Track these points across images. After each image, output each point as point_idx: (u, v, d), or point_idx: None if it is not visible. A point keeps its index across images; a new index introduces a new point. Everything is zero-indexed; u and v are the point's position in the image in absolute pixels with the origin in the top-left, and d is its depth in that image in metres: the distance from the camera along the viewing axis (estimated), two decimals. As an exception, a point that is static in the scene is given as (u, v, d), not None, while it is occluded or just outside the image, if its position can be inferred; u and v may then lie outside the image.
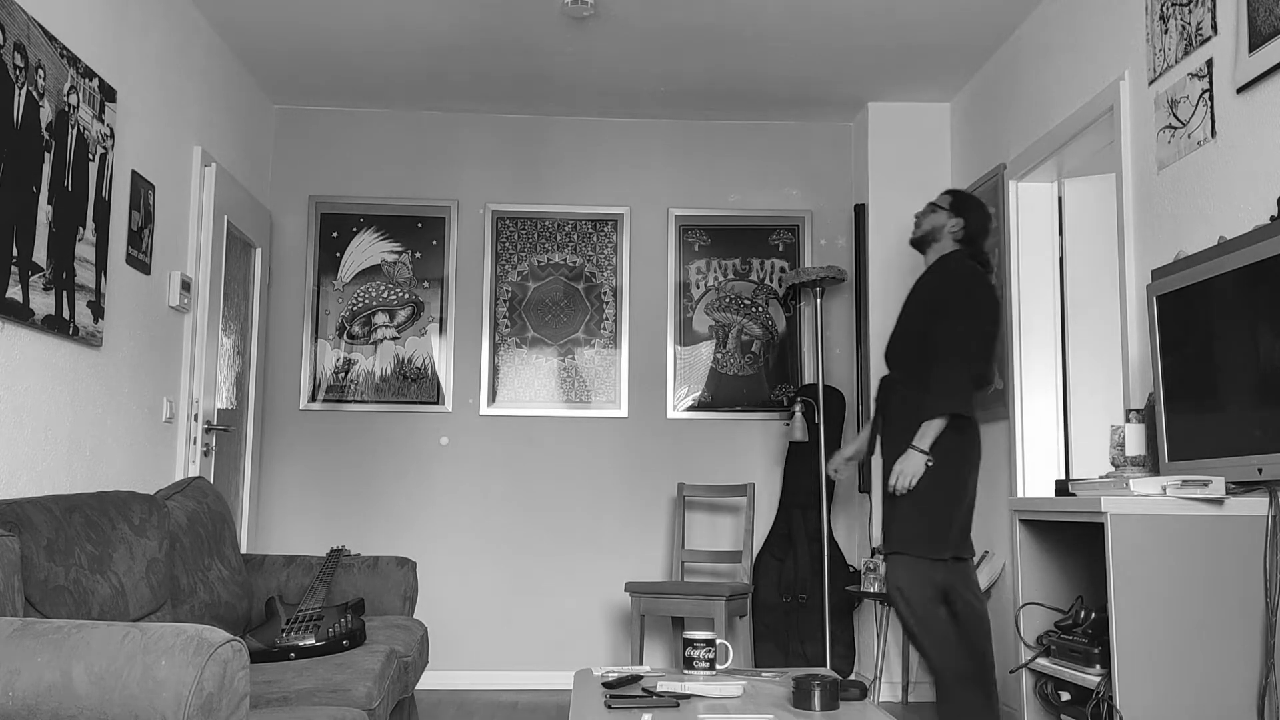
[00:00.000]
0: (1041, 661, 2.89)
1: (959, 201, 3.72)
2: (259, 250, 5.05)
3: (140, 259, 3.71)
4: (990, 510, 4.61)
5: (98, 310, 3.33)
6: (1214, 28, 3.03)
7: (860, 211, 5.22)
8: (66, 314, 3.12)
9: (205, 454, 4.33)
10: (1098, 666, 2.65)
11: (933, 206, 3.74)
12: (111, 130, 3.43)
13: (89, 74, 3.26)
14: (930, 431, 3.43)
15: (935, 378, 3.45)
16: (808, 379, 5.35)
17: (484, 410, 5.26)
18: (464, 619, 5.16)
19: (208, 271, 4.30)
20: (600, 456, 5.28)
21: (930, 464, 3.43)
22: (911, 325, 3.62)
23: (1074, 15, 3.91)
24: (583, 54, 4.68)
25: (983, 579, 4.41)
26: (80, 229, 3.21)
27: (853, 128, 5.50)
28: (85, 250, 3.24)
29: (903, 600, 3.46)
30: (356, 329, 5.28)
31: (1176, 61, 3.22)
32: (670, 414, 5.31)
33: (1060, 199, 4.38)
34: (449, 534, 5.21)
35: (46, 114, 3.01)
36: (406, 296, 5.30)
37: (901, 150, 5.19)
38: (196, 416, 4.20)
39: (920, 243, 3.76)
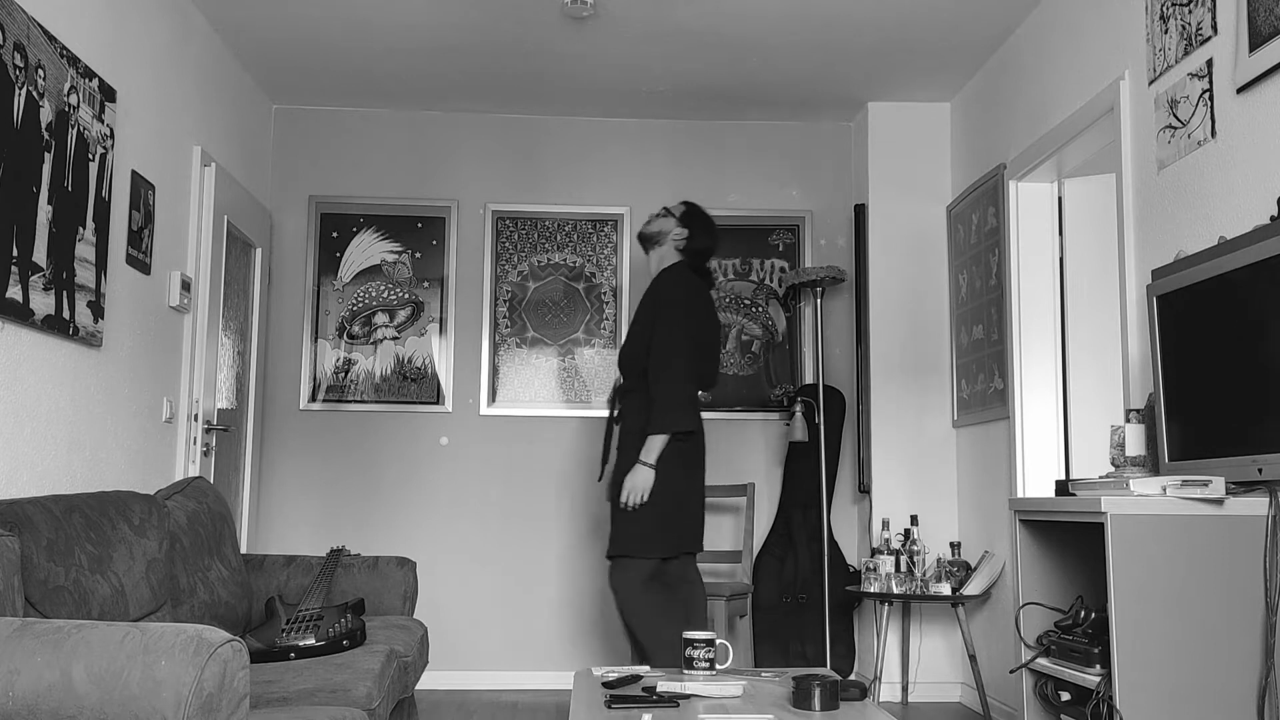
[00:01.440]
0: (1041, 661, 2.89)
1: (691, 214, 3.90)
2: (259, 250, 5.05)
3: (140, 259, 3.71)
4: (990, 510, 4.62)
5: (98, 310, 3.33)
6: (1214, 28, 3.03)
7: (860, 211, 5.22)
8: (66, 314, 3.12)
9: (205, 454, 4.34)
10: (1098, 666, 2.65)
11: (666, 211, 3.92)
12: (111, 130, 3.43)
13: (89, 74, 3.26)
14: (655, 446, 3.62)
15: (657, 394, 3.64)
16: (808, 379, 5.35)
17: (484, 410, 5.26)
18: (464, 619, 5.16)
19: (208, 271, 4.30)
20: (600, 456, 5.28)
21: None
22: (638, 335, 3.78)
23: (1074, 15, 3.92)
24: (583, 54, 4.68)
25: (983, 579, 4.41)
26: (80, 229, 3.21)
27: (853, 128, 5.50)
28: (85, 250, 3.24)
29: (618, 596, 3.67)
30: (356, 329, 5.28)
31: (1176, 61, 3.22)
32: (670, 414, 5.30)
33: (1060, 199, 4.38)
34: (449, 534, 5.21)
35: (46, 114, 3.01)
36: (406, 296, 5.30)
37: (901, 150, 5.19)
38: (196, 416, 4.20)
39: (644, 240, 3.94)
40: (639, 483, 3.61)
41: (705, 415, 5.32)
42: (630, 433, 3.76)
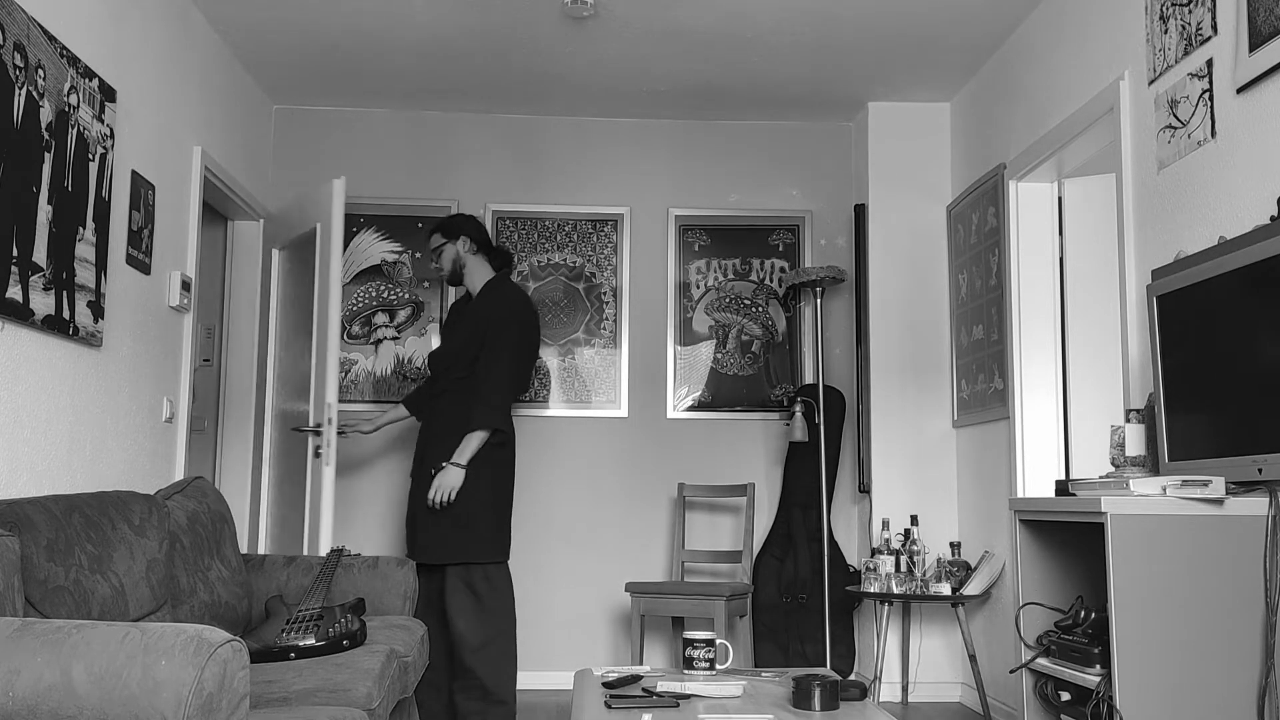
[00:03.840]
0: (1041, 661, 2.89)
1: (448, 228, 4.12)
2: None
3: (140, 259, 3.71)
4: (990, 510, 4.62)
5: (98, 310, 3.33)
6: (1214, 28, 3.03)
7: (860, 211, 5.22)
8: (66, 314, 3.12)
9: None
10: (1098, 666, 2.65)
11: (435, 250, 4.13)
12: (111, 130, 3.43)
13: (89, 74, 3.26)
14: (472, 447, 3.80)
15: (481, 398, 3.84)
16: (808, 379, 5.35)
17: (484, 410, 5.25)
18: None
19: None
20: (600, 456, 5.28)
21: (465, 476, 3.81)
22: (463, 343, 3.98)
23: (1074, 15, 3.92)
24: (583, 54, 4.68)
25: (983, 579, 4.41)
26: (80, 229, 3.21)
27: (853, 128, 5.50)
28: (85, 250, 3.24)
29: (456, 600, 3.86)
30: (356, 329, 5.28)
31: (1176, 61, 3.22)
32: (670, 414, 5.31)
33: (1060, 199, 4.38)
34: (449, 534, 5.20)
35: (46, 114, 3.01)
36: (406, 296, 5.30)
37: (901, 150, 5.19)
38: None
39: (454, 279, 4.15)
40: (449, 481, 3.77)
41: (705, 415, 5.33)
42: (443, 434, 3.91)
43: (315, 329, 4.47)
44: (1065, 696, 2.83)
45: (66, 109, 3.12)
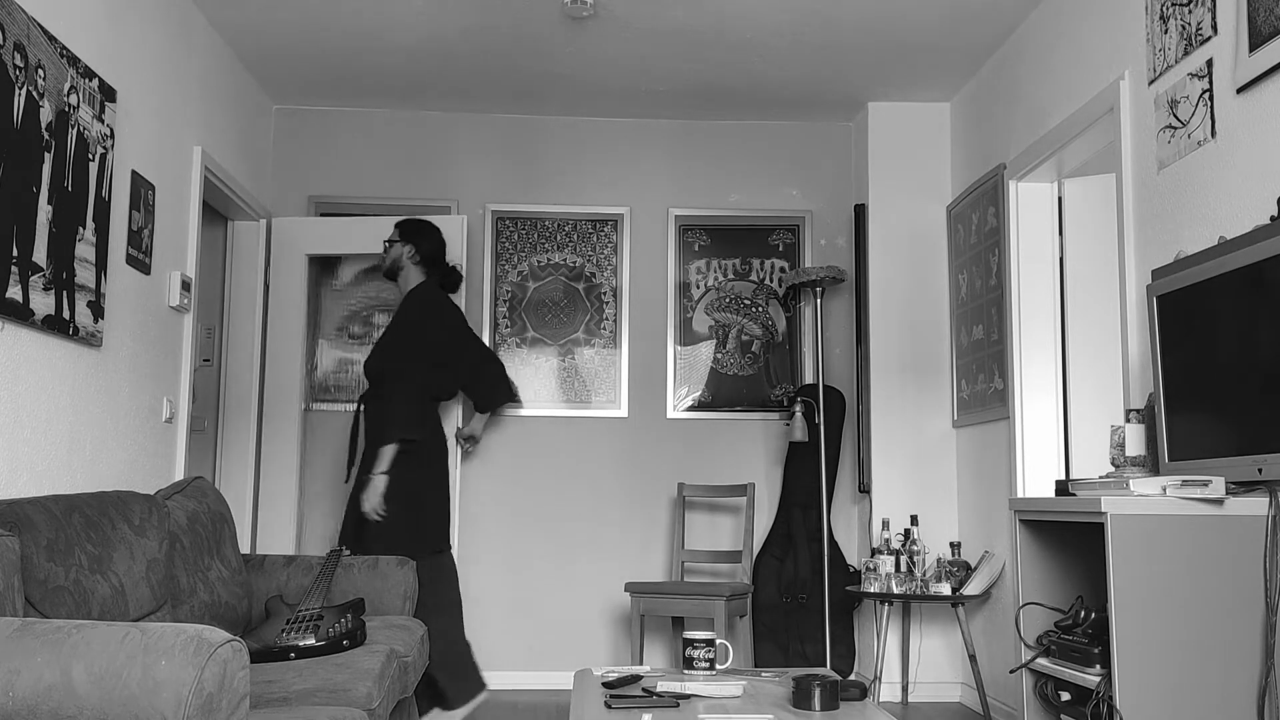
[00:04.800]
0: (1041, 661, 2.89)
1: (406, 230, 4.27)
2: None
3: (140, 259, 3.71)
4: (990, 510, 4.62)
5: (98, 310, 3.33)
6: (1214, 28, 3.03)
7: (860, 211, 5.22)
8: (66, 314, 3.12)
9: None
10: (1098, 666, 2.65)
11: (390, 240, 4.27)
12: (111, 130, 3.43)
13: (89, 74, 3.26)
14: (386, 456, 3.94)
15: (391, 406, 3.99)
16: (808, 379, 5.35)
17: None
18: (464, 619, 5.16)
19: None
20: (600, 456, 5.28)
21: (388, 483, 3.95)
22: (386, 350, 4.13)
23: (1074, 15, 3.91)
24: (583, 54, 4.68)
25: (983, 579, 4.41)
26: (80, 229, 3.21)
27: (853, 128, 5.50)
28: (85, 250, 3.24)
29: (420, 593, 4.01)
30: (356, 329, 5.27)
31: (1176, 61, 3.22)
32: (670, 414, 5.31)
33: (1060, 199, 4.38)
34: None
35: (46, 114, 3.01)
36: (406, 296, 5.29)
37: (901, 150, 5.19)
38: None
39: (390, 273, 4.29)
40: (372, 495, 3.92)
41: (705, 415, 5.33)
42: (370, 443, 4.07)
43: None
44: (1065, 696, 2.83)
45: (66, 109, 3.12)
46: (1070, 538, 3.06)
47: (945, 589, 4.42)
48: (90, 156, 3.29)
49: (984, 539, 4.67)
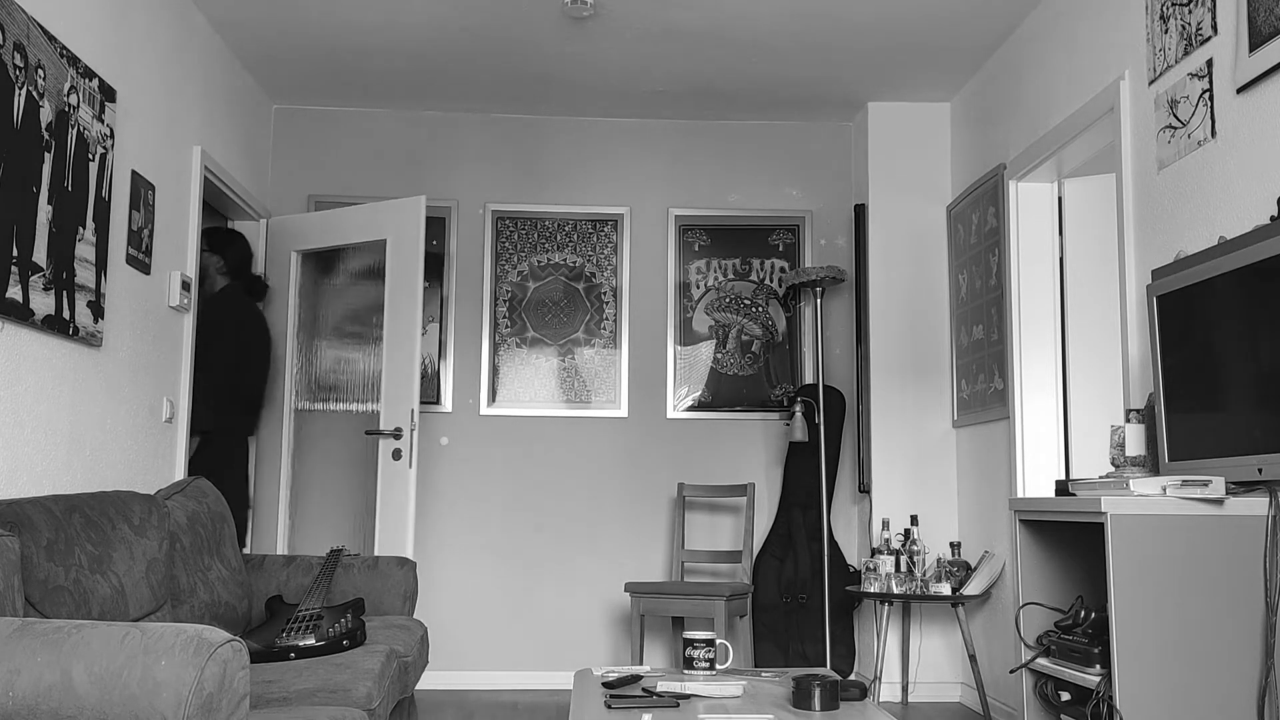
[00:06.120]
0: (1041, 661, 2.89)
1: (214, 240, 4.56)
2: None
3: (140, 259, 3.71)
4: (990, 510, 4.62)
5: (98, 310, 3.33)
6: (1214, 28, 3.03)
7: (860, 211, 5.22)
8: (66, 314, 3.12)
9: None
10: (1098, 666, 2.65)
11: (201, 250, 4.48)
12: (111, 130, 3.43)
13: (89, 74, 3.26)
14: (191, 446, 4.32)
15: (197, 402, 4.34)
16: (808, 379, 5.35)
17: (484, 410, 5.25)
18: (464, 619, 5.16)
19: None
20: (600, 456, 5.28)
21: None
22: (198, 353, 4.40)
23: (1074, 15, 3.91)
24: (583, 54, 4.68)
25: (983, 579, 4.41)
26: (80, 229, 3.21)
27: (853, 128, 5.50)
28: (85, 250, 3.24)
29: None
30: (355, 327, 5.27)
31: (1176, 61, 3.22)
32: (670, 414, 5.31)
33: (1060, 199, 4.38)
34: (449, 534, 5.21)
35: (46, 114, 3.01)
36: (406, 296, 5.29)
37: (901, 150, 5.19)
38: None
39: (200, 279, 4.51)
40: None
41: (705, 415, 5.33)
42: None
43: (387, 335, 4.77)
44: (1065, 696, 2.83)
45: (66, 109, 3.12)
46: (1070, 538, 3.06)
47: (945, 589, 4.42)
48: (90, 156, 3.29)
49: (984, 539, 4.67)
